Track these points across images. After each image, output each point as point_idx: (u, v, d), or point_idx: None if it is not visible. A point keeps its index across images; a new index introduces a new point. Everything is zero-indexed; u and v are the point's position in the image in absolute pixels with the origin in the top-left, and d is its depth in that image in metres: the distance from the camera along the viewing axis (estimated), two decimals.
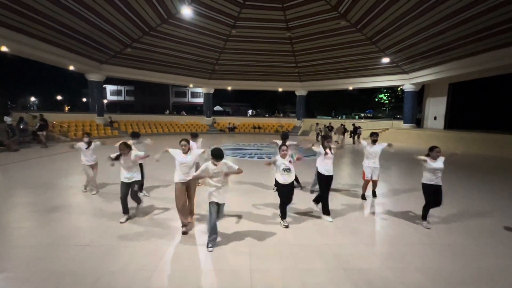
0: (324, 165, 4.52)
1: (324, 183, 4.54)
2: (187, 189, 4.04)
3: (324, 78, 24.83)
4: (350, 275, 2.82)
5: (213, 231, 3.45)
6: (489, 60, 13.46)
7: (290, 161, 4.13)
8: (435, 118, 21.01)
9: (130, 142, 5.63)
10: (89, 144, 5.74)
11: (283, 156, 4.14)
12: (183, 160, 3.96)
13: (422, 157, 4.31)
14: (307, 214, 4.70)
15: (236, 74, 25.00)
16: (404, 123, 21.58)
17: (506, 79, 15.71)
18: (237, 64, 22.89)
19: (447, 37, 13.30)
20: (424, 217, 4.25)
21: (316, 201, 4.75)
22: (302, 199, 5.33)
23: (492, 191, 6.33)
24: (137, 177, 4.45)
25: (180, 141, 4.04)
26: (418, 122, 22.50)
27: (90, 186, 5.80)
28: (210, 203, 3.52)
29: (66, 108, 38.35)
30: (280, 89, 28.11)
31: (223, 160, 3.50)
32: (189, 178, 3.91)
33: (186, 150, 4.01)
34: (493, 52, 13.06)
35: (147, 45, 17.86)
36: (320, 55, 20.18)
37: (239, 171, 3.56)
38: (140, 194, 5.73)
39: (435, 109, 21.03)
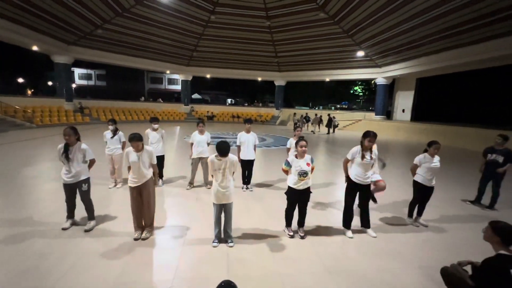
0: (357, 171, 3.49)
1: (353, 192, 3.59)
2: (141, 195, 3.31)
3: (303, 69, 25.24)
4: None
5: (217, 226, 3.25)
6: (453, 57, 14.55)
7: (308, 164, 3.31)
8: (403, 110, 22.42)
9: (149, 129, 5.36)
10: (114, 132, 5.20)
11: (301, 155, 3.32)
12: (134, 158, 3.23)
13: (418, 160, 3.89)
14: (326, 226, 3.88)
15: (215, 61, 24.57)
16: (375, 114, 22.78)
17: (467, 76, 17.10)
18: (217, 52, 22.47)
19: (416, 34, 14.13)
20: (410, 213, 4.04)
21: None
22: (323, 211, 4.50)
23: (449, 176, 7.10)
24: (84, 174, 3.49)
25: (131, 139, 3.21)
26: (388, 114, 23.88)
27: (115, 179, 5.31)
28: (213, 204, 3.21)
29: (29, 92, 35.38)
30: (259, 79, 28.15)
31: (230, 157, 3.14)
32: (143, 181, 3.27)
33: (139, 148, 3.27)
34: (457, 50, 14.11)
35: (120, 27, 16.92)
36: (299, 45, 20.42)
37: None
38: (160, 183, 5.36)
39: (404, 102, 22.41)
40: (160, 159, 5.34)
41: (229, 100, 47.54)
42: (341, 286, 2.59)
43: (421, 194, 3.95)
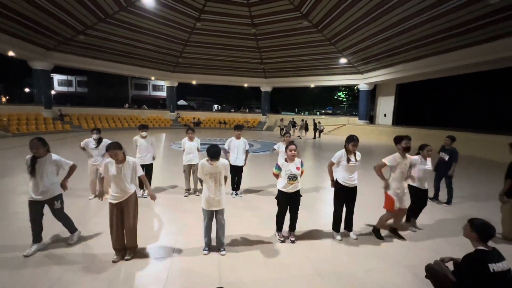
0: (343, 174, 3.56)
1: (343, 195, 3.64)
2: (122, 212, 2.95)
3: (288, 75, 25.70)
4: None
5: (207, 234, 3.19)
6: (430, 64, 15.38)
7: (298, 168, 3.35)
8: (385, 115, 23.26)
9: (137, 136, 5.16)
10: (99, 142, 4.77)
11: (291, 159, 3.36)
12: (114, 171, 2.89)
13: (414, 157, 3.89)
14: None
15: (201, 68, 24.55)
16: (359, 119, 23.50)
17: (444, 82, 18.10)
18: (202, 58, 22.48)
19: (394, 43, 14.85)
20: (408, 219, 4.09)
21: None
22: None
23: None
24: (56, 190, 3.14)
25: (108, 149, 2.86)
26: (371, 119, 24.69)
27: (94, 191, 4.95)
28: (203, 209, 3.15)
29: (4, 99, 33.66)
30: (245, 85, 28.35)
31: (222, 161, 3.12)
32: (125, 197, 2.93)
33: (119, 158, 2.91)
34: (432, 57, 14.95)
35: (103, 33, 16.59)
36: (284, 52, 20.82)
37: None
38: (140, 193, 5.01)
39: (385, 107, 23.29)
40: (148, 168, 5.19)
41: (215, 106, 47.39)
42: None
43: (418, 198, 4.03)
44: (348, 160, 3.49)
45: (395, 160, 3.54)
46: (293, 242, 3.50)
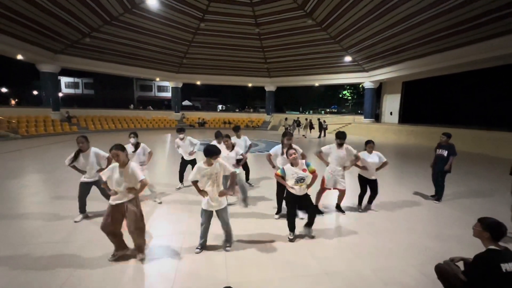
0: (283, 164, 3.88)
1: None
2: (123, 214, 2.92)
3: (292, 75, 25.60)
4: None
5: (203, 236, 3.23)
6: (436, 61, 15.13)
7: (304, 170, 3.32)
8: (391, 113, 22.99)
9: (177, 139, 5.63)
10: (136, 146, 4.76)
11: (294, 163, 3.36)
12: (117, 175, 2.88)
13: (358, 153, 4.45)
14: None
15: (206, 68, 24.63)
16: (364, 118, 23.27)
17: (451, 79, 17.77)
18: (206, 58, 22.56)
19: (400, 40, 14.66)
20: (360, 203, 4.63)
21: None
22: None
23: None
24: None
25: (111, 149, 2.86)
26: (377, 117, 24.42)
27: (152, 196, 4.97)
28: (202, 209, 3.15)
29: (13, 102, 34.34)
30: (250, 85, 28.34)
31: (218, 160, 3.08)
32: (127, 198, 2.89)
33: (120, 160, 2.87)
34: (438, 54, 14.70)
35: (108, 35, 16.80)
36: (288, 51, 20.75)
37: (233, 178, 3.19)
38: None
39: (391, 105, 23.00)
40: (193, 163, 5.70)
41: (220, 106, 47.52)
42: (339, 287, 2.62)
43: (365, 186, 4.55)
44: (283, 153, 4.03)
45: (329, 149, 4.34)
46: (312, 237, 3.58)
